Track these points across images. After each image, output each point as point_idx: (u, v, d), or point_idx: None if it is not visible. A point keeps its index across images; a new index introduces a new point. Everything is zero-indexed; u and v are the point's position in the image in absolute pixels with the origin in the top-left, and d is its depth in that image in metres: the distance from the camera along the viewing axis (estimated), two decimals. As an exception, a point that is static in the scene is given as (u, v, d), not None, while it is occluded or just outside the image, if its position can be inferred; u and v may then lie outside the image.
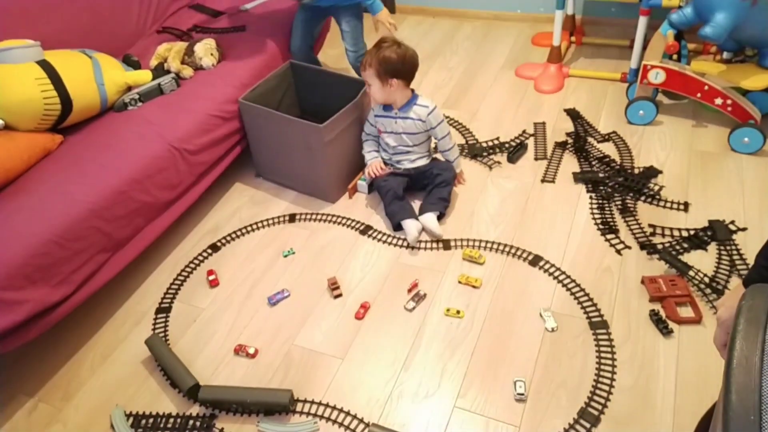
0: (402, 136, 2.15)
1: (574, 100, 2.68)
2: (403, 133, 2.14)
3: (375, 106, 2.18)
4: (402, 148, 2.18)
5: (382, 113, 2.15)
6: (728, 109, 2.28)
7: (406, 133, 2.14)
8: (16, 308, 1.55)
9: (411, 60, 2.05)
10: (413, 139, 2.16)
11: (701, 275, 1.79)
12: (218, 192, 2.35)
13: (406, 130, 2.14)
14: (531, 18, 3.37)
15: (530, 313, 1.77)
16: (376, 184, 2.20)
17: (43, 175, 1.86)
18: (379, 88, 2.06)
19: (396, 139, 2.17)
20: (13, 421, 1.64)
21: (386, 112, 2.14)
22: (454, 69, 3.01)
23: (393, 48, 2.02)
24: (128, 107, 2.13)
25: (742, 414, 0.58)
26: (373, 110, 2.18)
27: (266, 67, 2.38)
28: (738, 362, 0.63)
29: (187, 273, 2.03)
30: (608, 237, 1.98)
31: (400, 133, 2.15)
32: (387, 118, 2.14)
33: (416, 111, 2.11)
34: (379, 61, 2.01)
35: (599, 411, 1.49)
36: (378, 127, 2.19)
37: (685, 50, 2.39)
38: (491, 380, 1.60)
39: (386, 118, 2.14)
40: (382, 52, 2.01)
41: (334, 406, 1.58)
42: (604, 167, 2.26)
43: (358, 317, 1.81)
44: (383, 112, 2.15)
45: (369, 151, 2.24)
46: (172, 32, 2.67)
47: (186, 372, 1.65)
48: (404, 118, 2.12)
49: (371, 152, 2.24)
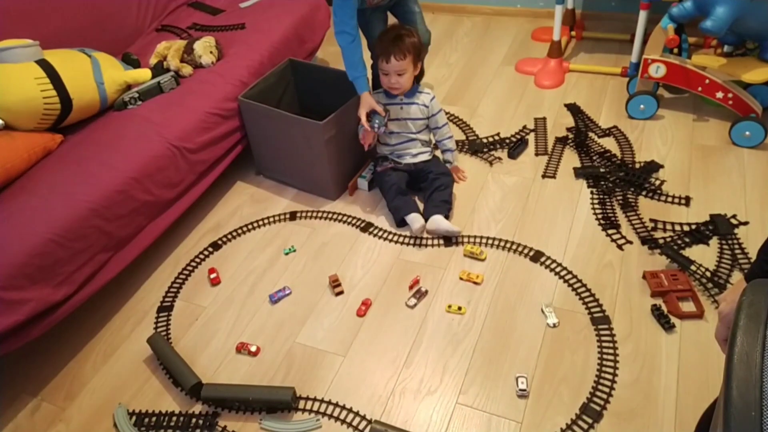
0: (407, 123, 2.16)
1: (574, 95, 2.67)
2: (408, 119, 2.15)
3: (377, 95, 2.16)
4: (405, 136, 2.18)
5: (386, 101, 2.15)
6: (729, 102, 2.27)
7: (410, 119, 2.15)
8: (18, 308, 1.55)
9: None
10: (417, 126, 2.17)
11: (703, 270, 1.79)
12: (219, 190, 2.35)
13: (411, 116, 2.15)
14: (531, 13, 3.36)
15: (532, 309, 1.77)
16: (377, 180, 2.20)
17: (44, 174, 1.86)
18: (411, 75, 2.08)
19: (400, 125, 2.17)
20: (16, 421, 1.64)
21: (390, 99, 2.15)
22: (453, 65, 3.00)
23: (411, 33, 2.06)
24: (128, 106, 2.13)
25: (743, 410, 0.58)
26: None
27: (266, 64, 2.38)
28: (739, 358, 0.62)
29: (189, 271, 2.03)
30: (609, 232, 1.97)
31: (405, 119, 2.16)
32: (392, 105, 2.14)
33: (420, 97, 2.14)
34: (414, 47, 2.05)
35: (601, 407, 1.49)
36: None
37: (685, 44, 2.38)
38: (493, 376, 1.60)
39: (391, 106, 2.14)
40: (410, 39, 2.05)
41: (337, 404, 1.58)
42: (605, 162, 2.26)
43: (359, 314, 1.81)
44: (387, 99, 2.16)
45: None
46: (172, 30, 2.66)
47: (188, 370, 1.65)
48: (409, 103, 2.14)
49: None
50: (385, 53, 2.03)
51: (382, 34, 2.09)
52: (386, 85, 2.12)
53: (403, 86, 2.09)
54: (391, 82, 2.08)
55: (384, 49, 2.04)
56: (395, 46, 2.02)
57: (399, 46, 2.02)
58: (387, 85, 2.11)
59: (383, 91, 2.17)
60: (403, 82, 2.08)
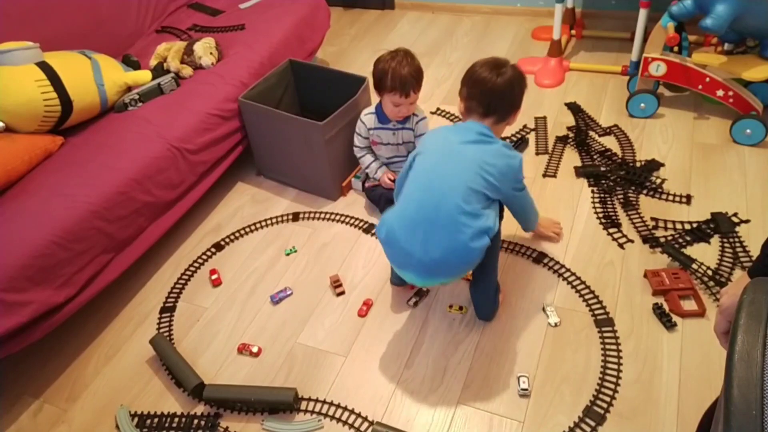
0: (399, 147, 2.14)
1: (574, 94, 2.67)
2: (399, 144, 2.13)
3: (366, 119, 2.10)
4: (397, 159, 2.17)
5: (378, 126, 2.09)
6: (730, 100, 2.27)
7: (405, 143, 2.13)
8: (20, 310, 1.56)
9: None
10: (408, 148, 2.14)
11: (704, 268, 1.79)
12: (220, 191, 2.35)
13: (404, 140, 2.12)
14: (530, 12, 3.36)
15: (533, 308, 1.77)
16: (367, 195, 2.19)
17: (45, 176, 1.87)
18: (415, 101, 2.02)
19: (392, 150, 2.14)
20: (18, 423, 1.64)
21: (383, 124, 2.09)
22: (454, 64, 3.00)
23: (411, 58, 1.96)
24: (128, 107, 2.13)
25: (743, 408, 0.58)
26: (364, 124, 2.11)
27: (266, 65, 2.38)
28: (740, 357, 0.62)
29: (191, 272, 2.03)
30: (611, 231, 1.97)
31: (399, 144, 2.13)
32: (384, 130, 2.10)
33: (412, 120, 2.08)
34: (420, 75, 1.97)
35: (605, 409, 1.49)
36: (373, 140, 2.14)
37: (686, 42, 2.38)
38: (494, 376, 1.60)
39: (384, 131, 2.10)
40: (414, 65, 1.94)
41: (338, 405, 1.58)
42: (605, 161, 2.26)
43: (360, 315, 1.81)
44: (379, 124, 2.09)
45: (372, 161, 2.15)
46: (172, 32, 2.67)
47: (190, 371, 1.66)
48: (402, 129, 2.09)
49: (374, 162, 2.16)
50: (403, 89, 1.93)
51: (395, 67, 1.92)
52: (394, 116, 2.04)
53: (409, 113, 2.05)
54: (401, 113, 2.02)
55: (402, 84, 1.92)
56: (416, 80, 1.94)
57: (418, 80, 1.95)
58: (395, 116, 2.03)
59: (374, 115, 2.09)
60: (411, 109, 2.04)
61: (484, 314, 1.74)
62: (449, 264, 1.50)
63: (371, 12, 3.67)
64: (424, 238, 1.47)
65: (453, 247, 1.46)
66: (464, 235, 1.45)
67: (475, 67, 1.62)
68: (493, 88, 1.56)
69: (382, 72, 1.95)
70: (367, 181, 2.22)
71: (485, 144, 1.55)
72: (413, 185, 1.56)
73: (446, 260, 1.48)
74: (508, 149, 1.58)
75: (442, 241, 1.46)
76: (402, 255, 1.53)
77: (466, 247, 1.46)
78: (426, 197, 1.50)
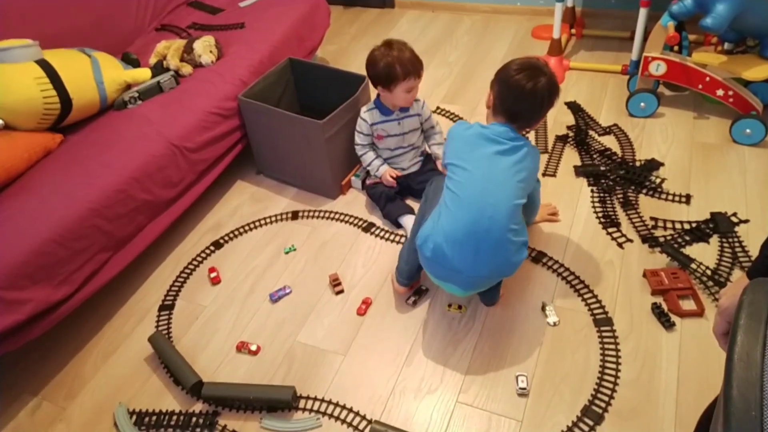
0: (404, 136, 2.14)
1: (574, 93, 2.67)
2: (405, 133, 2.13)
3: (367, 115, 2.10)
4: (401, 150, 2.17)
5: (382, 119, 2.10)
6: (730, 100, 2.27)
7: (408, 131, 2.13)
8: (19, 308, 1.55)
9: None
10: (415, 135, 2.16)
11: (703, 268, 1.79)
12: (219, 189, 2.35)
13: (409, 128, 2.13)
14: (530, 11, 3.36)
15: (532, 307, 1.77)
16: (367, 192, 2.19)
17: (44, 174, 1.86)
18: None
19: (398, 140, 2.15)
20: (17, 420, 1.64)
21: (386, 116, 2.10)
22: (453, 64, 3.00)
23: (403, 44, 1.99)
24: (128, 105, 2.13)
25: (743, 409, 0.58)
26: (365, 121, 2.11)
27: (265, 63, 2.37)
28: (739, 357, 0.62)
29: (190, 271, 2.03)
30: (610, 230, 1.97)
31: (405, 132, 2.13)
32: (389, 122, 2.11)
33: (414, 107, 2.11)
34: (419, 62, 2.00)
35: (603, 409, 1.49)
36: (378, 134, 2.14)
37: (686, 41, 2.38)
38: (493, 375, 1.60)
39: (388, 123, 2.11)
40: (408, 47, 1.98)
41: (337, 403, 1.58)
42: (605, 160, 2.25)
43: (359, 313, 1.81)
44: (383, 117, 2.10)
45: (374, 159, 2.15)
46: (171, 30, 2.66)
47: (189, 369, 1.66)
48: (405, 117, 2.11)
49: (376, 159, 2.16)
50: (415, 71, 1.97)
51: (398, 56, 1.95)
52: (408, 102, 2.05)
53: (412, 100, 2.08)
54: (413, 96, 2.05)
55: (413, 67, 1.96)
56: (419, 61, 1.98)
57: (420, 61, 1.99)
58: (409, 102, 2.05)
59: (376, 109, 2.10)
60: (414, 95, 2.06)
61: (491, 301, 1.78)
62: (493, 277, 1.64)
63: (371, 11, 3.66)
64: (474, 256, 1.55)
65: (499, 264, 1.59)
66: (509, 252, 1.57)
67: (511, 68, 1.58)
68: (525, 97, 1.55)
69: (388, 65, 1.95)
70: (367, 179, 2.22)
71: (517, 151, 1.58)
72: (458, 204, 1.57)
73: (492, 275, 1.62)
74: (531, 145, 1.63)
75: (491, 260, 1.56)
76: (448, 271, 1.60)
77: (509, 262, 1.59)
78: (476, 218, 1.53)
